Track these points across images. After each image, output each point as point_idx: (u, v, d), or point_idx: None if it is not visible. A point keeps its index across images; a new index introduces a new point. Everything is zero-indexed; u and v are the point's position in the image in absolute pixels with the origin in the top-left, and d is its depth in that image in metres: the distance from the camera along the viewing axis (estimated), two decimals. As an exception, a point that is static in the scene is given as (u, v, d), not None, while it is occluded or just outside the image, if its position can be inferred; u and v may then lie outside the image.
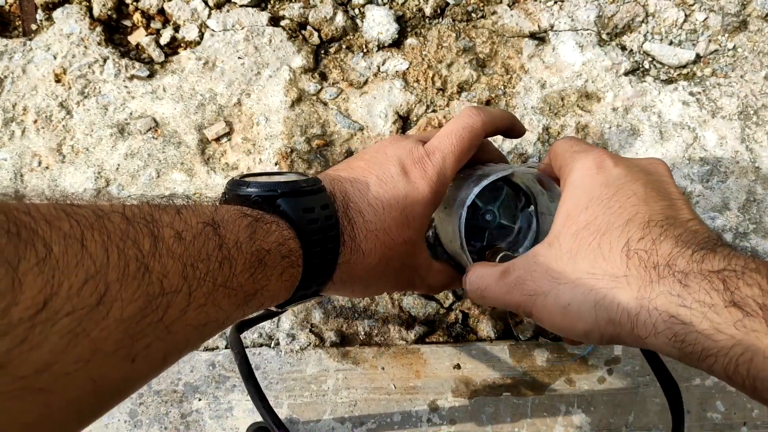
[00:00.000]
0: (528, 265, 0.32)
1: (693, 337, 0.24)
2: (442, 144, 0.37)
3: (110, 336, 0.18)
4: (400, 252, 0.35)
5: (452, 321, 0.52)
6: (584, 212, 0.31)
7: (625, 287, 0.27)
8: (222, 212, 0.26)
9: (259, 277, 0.26)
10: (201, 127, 0.56)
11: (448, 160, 0.36)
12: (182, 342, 0.22)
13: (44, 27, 0.58)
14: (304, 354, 0.50)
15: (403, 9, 0.58)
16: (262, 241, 0.27)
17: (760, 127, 0.55)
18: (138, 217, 0.22)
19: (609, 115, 0.55)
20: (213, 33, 0.57)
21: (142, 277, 0.20)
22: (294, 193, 0.31)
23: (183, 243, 0.22)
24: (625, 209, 0.29)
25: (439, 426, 0.48)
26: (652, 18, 0.57)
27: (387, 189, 0.35)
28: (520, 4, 0.58)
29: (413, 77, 0.56)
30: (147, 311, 0.20)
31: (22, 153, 0.55)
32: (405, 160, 0.36)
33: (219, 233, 0.24)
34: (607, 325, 0.27)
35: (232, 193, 0.31)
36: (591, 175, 0.32)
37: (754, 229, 0.53)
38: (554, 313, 0.30)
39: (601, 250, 0.29)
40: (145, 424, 0.48)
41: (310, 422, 0.48)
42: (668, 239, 0.27)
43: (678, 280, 0.25)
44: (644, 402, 0.49)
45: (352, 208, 0.33)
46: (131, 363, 0.20)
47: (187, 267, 0.22)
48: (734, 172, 0.54)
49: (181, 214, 0.24)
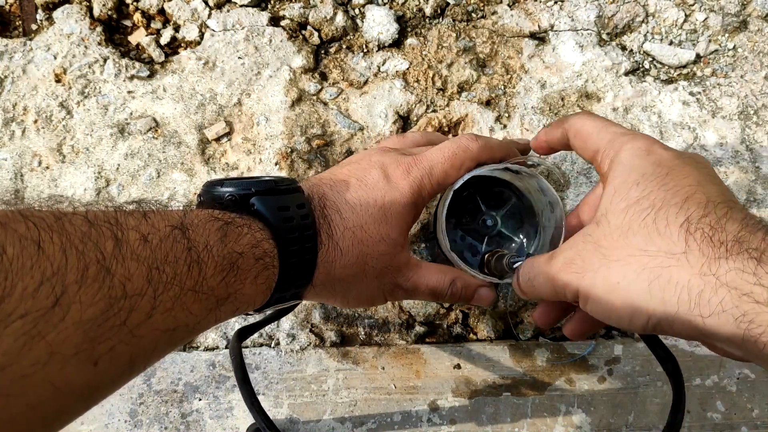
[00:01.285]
0: (576, 245, 0.30)
1: (764, 318, 0.22)
2: (432, 155, 0.36)
3: (68, 339, 0.18)
4: (379, 251, 0.34)
5: (452, 321, 0.52)
6: (635, 187, 0.29)
7: (685, 264, 0.25)
8: (191, 216, 0.26)
9: (232, 280, 0.26)
10: (201, 127, 0.56)
11: (435, 170, 0.36)
12: (149, 346, 0.22)
13: (44, 27, 0.58)
14: (305, 354, 0.50)
15: (403, 9, 0.58)
16: (234, 244, 0.26)
17: (760, 127, 0.55)
18: (101, 220, 0.21)
19: (609, 115, 0.55)
20: (213, 33, 0.57)
21: (102, 279, 0.20)
22: (269, 191, 0.30)
23: (149, 246, 0.22)
24: (682, 188, 0.28)
25: (439, 426, 0.48)
26: (652, 18, 0.57)
27: (366, 189, 0.34)
28: (520, 4, 0.58)
29: (413, 77, 0.56)
30: (109, 314, 0.19)
31: (22, 153, 0.55)
32: (389, 165, 0.36)
33: (187, 236, 0.24)
34: (659, 306, 0.26)
35: (207, 194, 0.31)
36: (641, 156, 0.30)
37: (754, 229, 0.53)
38: (602, 292, 0.28)
39: (656, 225, 0.27)
40: (145, 424, 0.48)
41: (310, 422, 0.48)
42: (733, 220, 0.25)
43: (753, 257, 0.23)
44: (644, 402, 0.49)
45: (329, 206, 0.33)
46: (93, 366, 0.19)
47: (153, 270, 0.22)
48: (734, 172, 0.54)
49: (148, 218, 0.23)
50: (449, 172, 0.36)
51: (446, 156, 0.36)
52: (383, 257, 0.34)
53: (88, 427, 0.48)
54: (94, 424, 0.48)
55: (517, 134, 0.55)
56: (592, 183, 0.54)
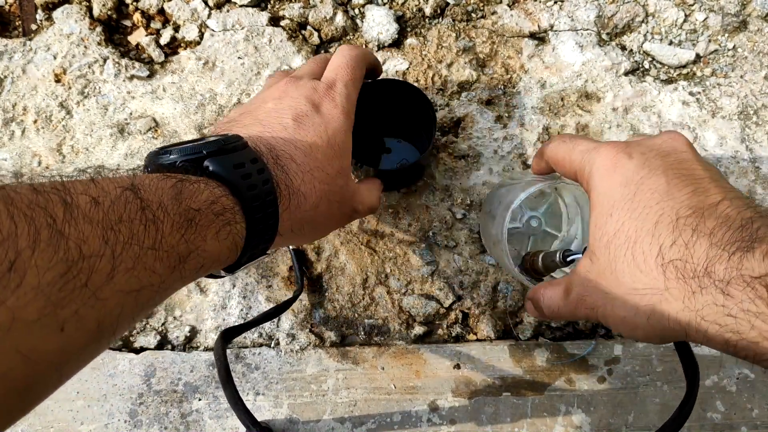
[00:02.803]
0: (581, 281, 0.32)
1: (744, 344, 0.24)
2: (338, 75, 0.38)
3: (29, 303, 0.18)
4: (338, 185, 0.36)
5: (452, 321, 0.52)
6: (610, 220, 0.30)
7: (670, 299, 0.27)
8: (141, 178, 0.25)
9: (192, 237, 0.25)
10: (201, 127, 0.56)
11: (349, 87, 0.38)
12: (115, 309, 0.22)
13: (44, 27, 0.58)
14: (304, 354, 0.50)
15: (403, 9, 0.58)
16: (190, 201, 0.26)
17: (760, 127, 0.55)
18: (47, 187, 0.21)
19: (609, 115, 0.55)
20: (213, 33, 0.57)
21: (57, 243, 0.19)
22: (220, 151, 0.29)
23: (100, 208, 0.22)
24: (650, 209, 0.29)
25: (438, 426, 0.48)
26: (652, 18, 0.57)
27: (307, 127, 0.35)
28: (520, 4, 0.58)
29: (413, 77, 0.56)
30: (68, 277, 0.19)
31: (22, 153, 0.55)
32: (312, 97, 0.36)
33: (140, 196, 0.24)
34: (664, 333, 0.28)
35: (153, 164, 0.29)
36: (609, 176, 0.31)
37: (754, 229, 0.53)
38: (615, 323, 0.30)
39: (636, 262, 0.28)
40: (145, 424, 0.48)
41: (310, 422, 0.48)
42: (701, 240, 0.26)
43: (720, 289, 0.25)
44: (644, 402, 0.49)
45: (281, 156, 0.33)
46: (60, 332, 0.19)
47: (108, 231, 0.21)
48: (734, 172, 0.54)
49: (96, 182, 0.23)
50: (358, 85, 0.39)
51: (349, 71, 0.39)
52: (342, 189, 0.36)
53: (88, 427, 0.48)
54: (94, 424, 0.48)
55: (517, 134, 0.55)
56: (592, 183, 0.54)
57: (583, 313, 0.33)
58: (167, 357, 0.50)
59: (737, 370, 0.49)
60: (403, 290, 0.53)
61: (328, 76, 0.39)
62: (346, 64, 0.39)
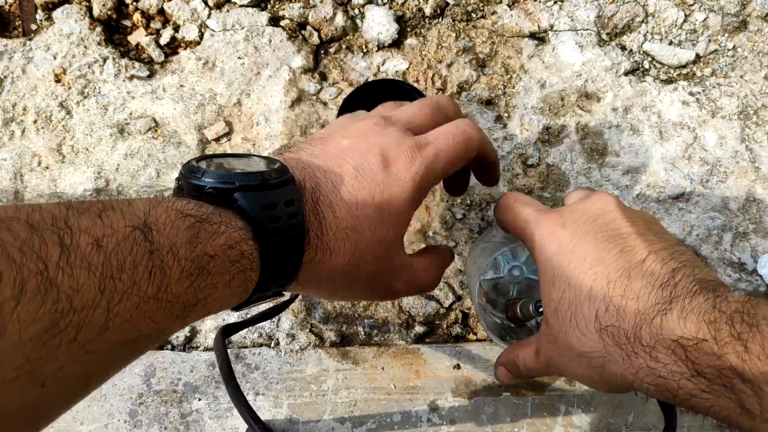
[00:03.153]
0: (545, 343, 0.34)
1: (679, 400, 0.27)
2: (438, 140, 0.33)
3: (6, 361, 0.16)
4: (374, 255, 0.31)
5: (452, 321, 0.52)
6: (553, 288, 0.32)
7: (612, 362, 0.29)
8: (158, 212, 0.23)
9: (202, 285, 0.23)
10: (201, 127, 0.56)
11: (440, 159, 0.33)
12: (106, 360, 0.20)
13: (44, 27, 0.58)
14: (304, 354, 0.50)
15: (402, 9, 0.58)
16: (205, 245, 0.24)
17: (760, 127, 0.55)
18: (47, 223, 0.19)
19: (609, 115, 0.55)
20: (213, 33, 0.57)
21: (45, 293, 0.17)
22: (254, 187, 0.27)
23: (102, 252, 0.20)
24: (585, 274, 0.31)
25: (438, 426, 0.48)
26: (652, 18, 0.57)
27: (364, 182, 0.31)
28: (519, 4, 0.58)
29: (413, 77, 0.56)
30: (54, 331, 0.17)
31: (21, 153, 0.55)
32: (389, 150, 0.32)
33: (150, 238, 0.22)
34: (619, 388, 0.30)
35: (187, 180, 0.27)
36: (548, 246, 0.33)
37: (754, 229, 0.53)
38: (579, 380, 0.33)
39: (579, 327, 0.30)
40: (145, 424, 0.48)
41: (310, 422, 0.48)
42: (630, 304, 0.29)
43: (648, 354, 0.27)
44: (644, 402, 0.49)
45: (322, 201, 0.30)
46: (41, 388, 0.18)
47: (106, 279, 0.19)
48: (734, 172, 0.54)
49: (105, 216, 0.21)
50: (454, 161, 0.34)
51: (452, 143, 0.34)
52: (378, 261, 0.32)
53: (87, 427, 0.48)
54: (93, 424, 0.48)
55: (516, 134, 0.55)
56: (592, 183, 0.54)
57: (554, 371, 0.35)
58: (167, 357, 0.50)
59: (737, 370, 0.49)
60: (403, 290, 0.53)
61: (426, 136, 0.34)
62: (454, 136, 0.34)
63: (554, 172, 0.54)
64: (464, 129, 0.35)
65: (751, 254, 0.53)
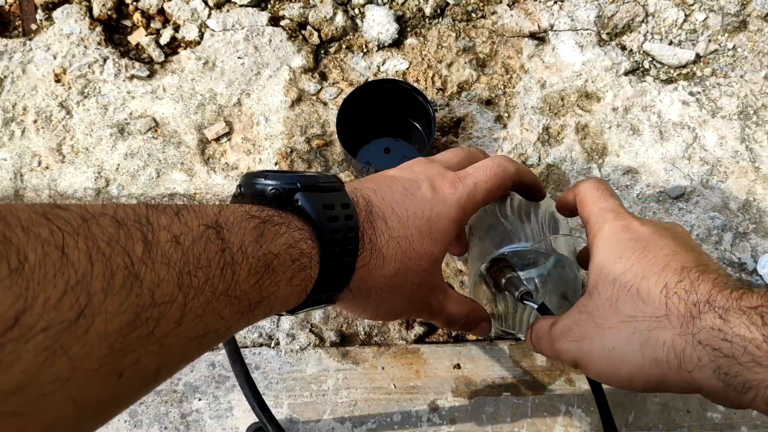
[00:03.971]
0: (573, 315, 0.33)
1: (735, 369, 0.26)
2: (476, 173, 0.36)
3: (92, 352, 0.17)
4: (420, 266, 0.33)
5: (452, 321, 0.52)
6: (618, 261, 0.32)
7: (668, 325, 0.28)
8: (227, 214, 0.24)
9: (267, 283, 0.25)
10: (201, 126, 0.56)
11: (479, 188, 0.36)
12: (177, 354, 0.21)
13: (44, 27, 0.58)
14: (304, 354, 0.50)
15: (403, 9, 0.58)
16: (270, 244, 0.25)
17: (760, 127, 0.55)
18: (131, 219, 0.20)
19: (609, 115, 0.55)
20: (213, 33, 0.57)
21: (130, 287, 0.18)
22: (314, 188, 0.29)
23: (180, 248, 0.21)
24: (659, 258, 0.31)
25: (439, 426, 0.48)
26: (652, 18, 0.57)
27: (413, 199, 0.33)
28: (520, 4, 0.58)
29: (413, 77, 0.56)
30: (136, 324, 0.18)
31: (22, 153, 0.55)
32: (435, 178, 0.35)
33: (222, 236, 0.23)
34: (653, 366, 0.28)
35: (249, 186, 0.29)
36: (619, 232, 0.34)
37: (754, 229, 0.53)
38: (599, 358, 0.31)
39: (640, 294, 0.30)
40: (145, 424, 0.48)
41: (310, 422, 0.48)
42: (705, 281, 0.29)
43: (718, 315, 0.27)
44: (644, 402, 0.49)
45: (375, 213, 0.32)
46: (118, 379, 0.18)
47: (184, 275, 0.20)
48: (734, 172, 0.54)
49: (181, 215, 0.22)
50: (492, 191, 0.36)
51: (489, 175, 0.36)
52: (423, 273, 0.34)
53: (87, 427, 0.48)
54: (93, 424, 0.48)
55: (517, 134, 0.55)
56: (592, 183, 0.54)
57: (563, 346, 0.33)
58: (167, 357, 0.50)
59: (737, 370, 0.49)
60: (403, 290, 0.53)
61: (465, 171, 0.36)
62: (491, 169, 0.36)
63: (554, 172, 0.54)
64: (499, 162, 0.37)
65: (751, 254, 0.53)
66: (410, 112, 0.53)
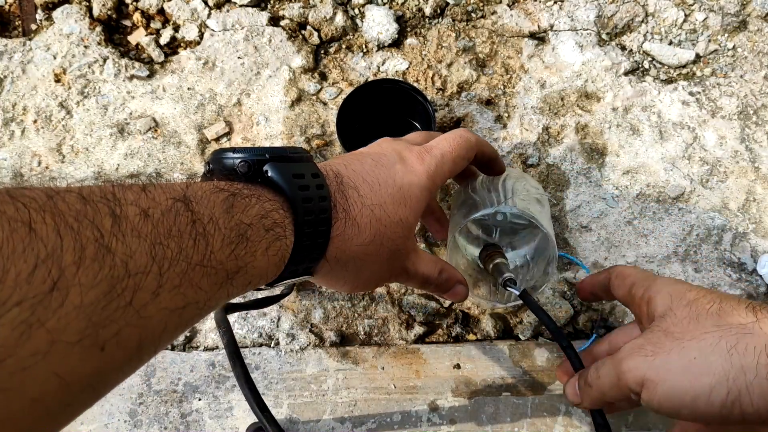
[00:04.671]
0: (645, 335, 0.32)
1: None
2: (440, 144, 0.37)
3: (70, 324, 0.17)
4: (395, 232, 0.33)
5: (452, 321, 0.52)
6: (690, 291, 0.33)
7: (759, 331, 0.28)
8: (194, 188, 0.24)
9: (242, 253, 0.25)
10: (201, 126, 0.56)
11: (446, 159, 0.37)
12: (158, 327, 0.21)
13: (44, 27, 0.58)
14: (304, 354, 0.50)
15: (402, 9, 0.58)
16: (241, 215, 0.25)
17: (759, 127, 0.55)
18: (97, 196, 0.20)
19: (609, 115, 0.55)
20: (213, 33, 0.57)
21: (103, 259, 0.18)
22: (283, 158, 0.29)
23: (150, 221, 0.21)
24: (726, 297, 0.32)
25: (438, 426, 0.48)
26: (652, 18, 0.57)
27: (383, 169, 0.34)
28: (519, 4, 0.58)
29: (413, 77, 0.56)
30: (112, 295, 0.18)
31: (21, 153, 0.55)
32: (402, 151, 0.36)
33: (191, 209, 0.23)
34: (739, 375, 0.27)
35: (217, 162, 0.29)
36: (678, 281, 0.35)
37: (754, 229, 0.53)
38: (676, 370, 0.29)
39: (723, 310, 0.30)
40: (145, 424, 0.48)
41: (310, 422, 0.48)
42: None
43: None
44: (644, 402, 0.49)
45: (345, 183, 0.32)
46: (100, 352, 0.18)
47: (156, 246, 0.20)
48: (734, 172, 0.54)
49: (148, 191, 0.22)
50: (457, 161, 0.38)
51: (453, 146, 0.37)
52: (398, 240, 0.34)
53: (87, 427, 0.48)
54: (93, 424, 0.48)
55: (516, 134, 0.55)
56: (592, 183, 0.54)
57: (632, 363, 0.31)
58: (167, 357, 0.50)
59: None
60: (402, 290, 0.53)
61: (430, 144, 0.38)
62: (454, 140, 0.38)
63: (554, 171, 0.54)
64: (461, 134, 0.39)
65: (751, 254, 0.53)
66: (410, 112, 0.53)
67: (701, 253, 0.53)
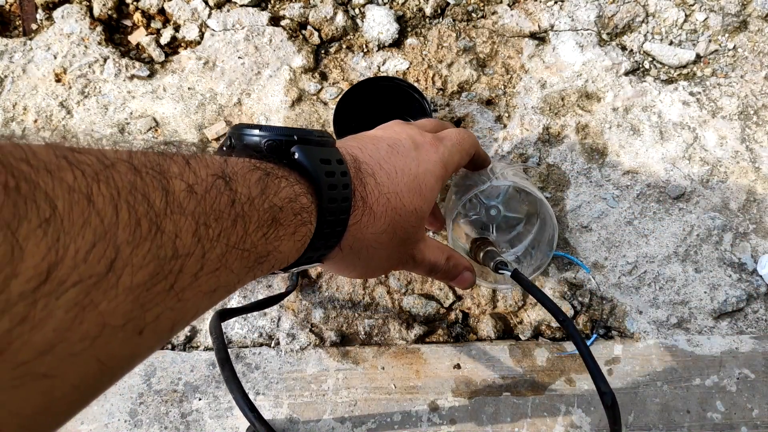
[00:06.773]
0: None
1: None
2: (451, 135, 0.38)
3: (119, 307, 0.16)
4: (409, 222, 0.33)
5: (452, 321, 0.52)
6: None
7: None
8: (232, 164, 0.23)
9: (272, 237, 0.24)
10: (201, 126, 0.56)
11: (456, 149, 0.37)
12: (191, 310, 0.20)
13: (44, 27, 0.58)
14: (304, 354, 0.50)
15: (403, 9, 0.58)
16: (274, 197, 0.24)
17: (760, 127, 0.55)
18: (147, 167, 0.18)
19: (609, 115, 0.55)
20: (213, 33, 0.57)
21: (153, 237, 0.17)
22: (310, 141, 0.28)
23: (195, 198, 0.19)
24: None
25: (439, 426, 0.48)
26: (652, 18, 0.57)
27: (399, 156, 0.33)
28: (520, 4, 0.58)
29: (413, 77, 0.56)
30: (158, 278, 0.17)
31: (22, 153, 0.55)
32: (415, 137, 0.35)
33: (231, 187, 0.22)
34: None
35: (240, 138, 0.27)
36: None
37: (754, 229, 0.53)
38: None
39: None
40: (145, 423, 0.48)
41: (310, 422, 0.48)
42: None
43: None
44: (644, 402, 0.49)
45: (363, 170, 0.31)
46: (138, 336, 0.17)
47: (200, 226, 0.19)
48: (734, 172, 0.54)
49: (191, 164, 0.21)
50: (463, 154, 0.38)
51: (462, 138, 0.38)
52: (411, 228, 0.33)
53: (87, 426, 0.48)
54: (94, 423, 0.48)
55: (517, 134, 0.55)
56: (592, 183, 0.54)
57: None
58: (167, 357, 0.50)
59: (737, 370, 0.49)
60: (403, 290, 0.53)
61: (439, 134, 0.38)
62: (461, 134, 0.39)
63: (554, 172, 0.54)
64: (464, 132, 0.40)
65: (751, 254, 0.53)
66: (407, 109, 0.53)
67: (701, 253, 0.53)
